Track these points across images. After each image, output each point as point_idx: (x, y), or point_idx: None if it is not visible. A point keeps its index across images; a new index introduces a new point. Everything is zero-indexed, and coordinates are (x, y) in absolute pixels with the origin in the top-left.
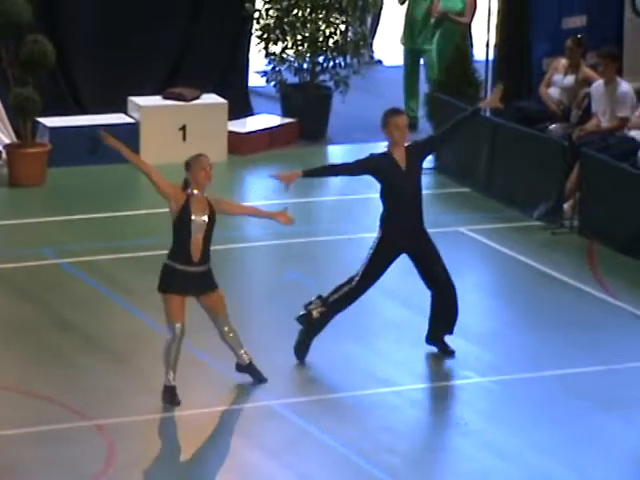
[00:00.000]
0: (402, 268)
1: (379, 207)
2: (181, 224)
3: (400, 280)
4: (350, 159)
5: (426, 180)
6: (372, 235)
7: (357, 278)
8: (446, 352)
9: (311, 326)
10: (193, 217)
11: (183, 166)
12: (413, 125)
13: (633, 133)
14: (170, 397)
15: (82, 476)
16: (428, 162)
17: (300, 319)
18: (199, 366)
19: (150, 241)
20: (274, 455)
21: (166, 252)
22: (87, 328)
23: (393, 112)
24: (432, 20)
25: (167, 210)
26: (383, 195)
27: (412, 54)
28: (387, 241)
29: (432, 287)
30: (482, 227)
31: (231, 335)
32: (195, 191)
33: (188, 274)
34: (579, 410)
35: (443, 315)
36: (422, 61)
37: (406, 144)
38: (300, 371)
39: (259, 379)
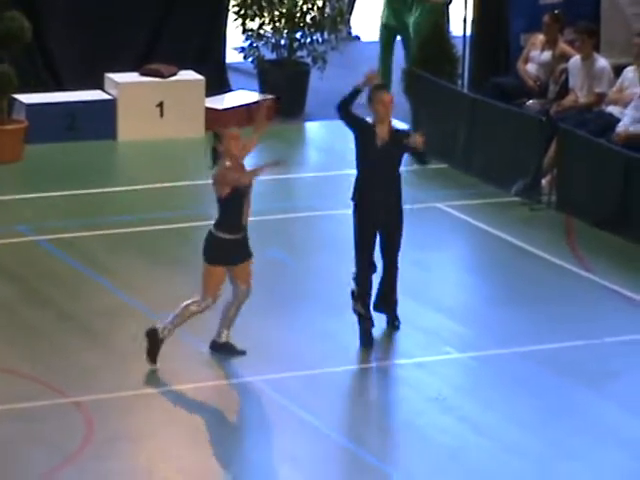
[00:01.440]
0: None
1: (351, 184)
2: (235, 197)
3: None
4: (328, 135)
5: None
6: (350, 211)
7: (355, 259)
8: (393, 325)
9: (365, 318)
10: (242, 185)
11: (212, 137)
12: None
13: (610, 108)
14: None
15: (60, 453)
16: None
17: (362, 324)
18: (177, 343)
19: (128, 218)
20: (251, 431)
21: (141, 229)
22: (65, 306)
23: (378, 88)
24: None
25: (144, 187)
26: (357, 161)
27: (387, 31)
28: (361, 214)
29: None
30: (460, 203)
31: (232, 312)
32: (227, 163)
33: (234, 242)
34: (556, 385)
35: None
36: (399, 37)
37: (397, 128)
38: (277, 347)
39: (237, 353)
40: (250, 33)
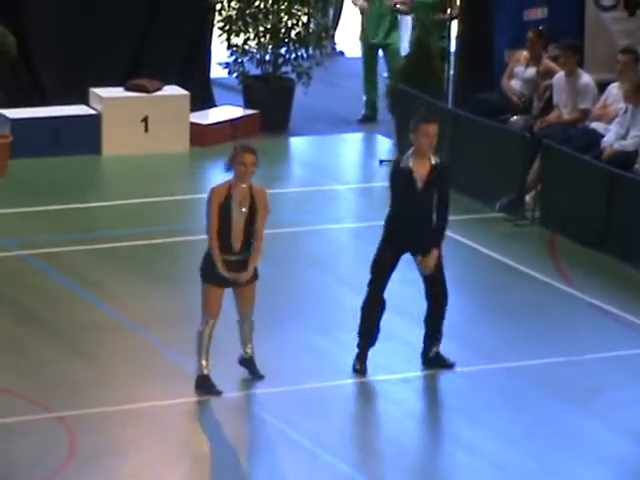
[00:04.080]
0: (363, 260)
1: (341, 198)
2: (222, 215)
3: (362, 272)
4: (313, 151)
5: (388, 171)
6: (335, 226)
7: (368, 283)
8: (445, 365)
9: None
10: (233, 209)
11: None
12: (373, 118)
13: (594, 125)
14: (207, 387)
15: (44, 469)
16: (388, 153)
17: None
18: (162, 358)
19: (113, 233)
20: (235, 447)
21: (126, 244)
22: (49, 320)
23: (424, 119)
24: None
25: (129, 202)
26: (395, 202)
27: (371, 49)
28: (390, 244)
29: (428, 294)
30: None
31: (246, 328)
32: (238, 183)
33: (228, 263)
34: (539, 401)
35: (431, 328)
36: (381, 53)
37: (435, 162)
38: (263, 362)
39: (256, 375)
40: (235, 48)
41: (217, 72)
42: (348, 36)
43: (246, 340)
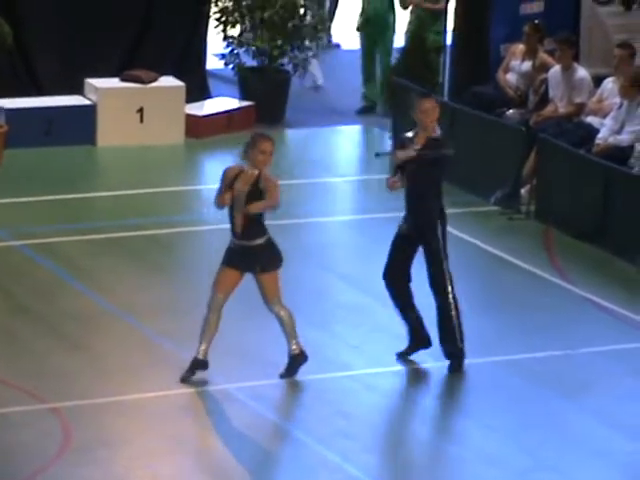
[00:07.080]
0: (358, 253)
1: (337, 190)
2: (233, 202)
3: (357, 265)
4: (308, 143)
5: (383, 165)
6: (331, 219)
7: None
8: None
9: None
10: (235, 190)
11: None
12: (372, 108)
13: (590, 119)
14: (188, 370)
15: (37, 459)
16: (384, 145)
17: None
18: (156, 349)
19: (106, 223)
20: (230, 439)
21: (120, 235)
22: (43, 311)
23: (420, 96)
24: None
25: (123, 193)
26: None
27: (369, 39)
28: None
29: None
30: None
31: (281, 322)
32: (251, 169)
33: (235, 247)
34: (534, 395)
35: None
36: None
37: (435, 135)
38: (257, 355)
39: (285, 373)
40: (231, 40)
41: (213, 63)
42: (344, 28)
43: (287, 336)
